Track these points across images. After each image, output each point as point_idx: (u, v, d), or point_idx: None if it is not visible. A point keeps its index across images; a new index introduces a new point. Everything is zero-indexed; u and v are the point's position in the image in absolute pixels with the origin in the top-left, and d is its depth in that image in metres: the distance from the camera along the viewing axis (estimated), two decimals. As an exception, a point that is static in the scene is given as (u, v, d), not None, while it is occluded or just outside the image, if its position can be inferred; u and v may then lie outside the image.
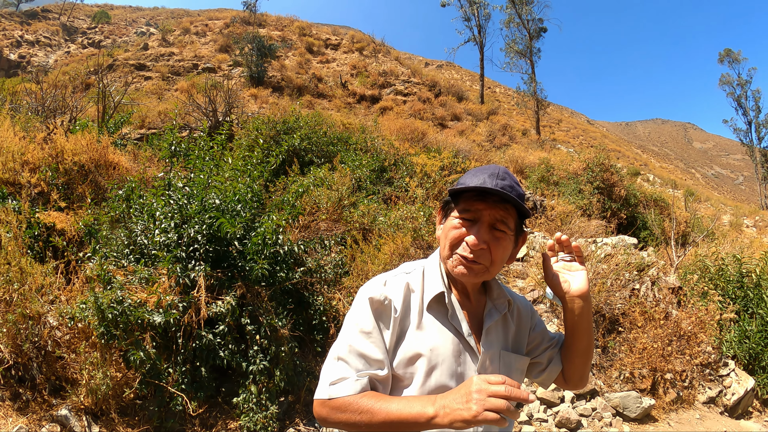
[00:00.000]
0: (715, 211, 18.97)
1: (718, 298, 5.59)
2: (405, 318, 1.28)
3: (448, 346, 1.27)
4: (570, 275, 1.35)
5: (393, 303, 1.27)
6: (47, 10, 39.09)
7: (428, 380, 1.23)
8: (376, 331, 1.24)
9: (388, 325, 1.26)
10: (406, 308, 1.29)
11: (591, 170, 11.03)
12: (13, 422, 2.98)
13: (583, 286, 1.32)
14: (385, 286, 1.29)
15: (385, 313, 1.26)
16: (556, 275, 1.35)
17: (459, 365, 1.27)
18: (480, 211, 1.25)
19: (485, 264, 1.26)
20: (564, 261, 1.38)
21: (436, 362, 1.24)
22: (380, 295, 1.27)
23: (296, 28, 31.32)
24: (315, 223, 6.20)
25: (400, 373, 1.24)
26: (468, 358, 1.29)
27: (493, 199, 1.25)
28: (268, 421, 3.45)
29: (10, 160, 5.26)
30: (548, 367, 1.47)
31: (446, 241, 1.30)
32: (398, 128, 14.43)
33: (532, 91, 28.59)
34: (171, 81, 21.80)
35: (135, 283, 3.69)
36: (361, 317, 1.26)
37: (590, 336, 1.39)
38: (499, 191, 1.20)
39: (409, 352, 1.25)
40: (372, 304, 1.26)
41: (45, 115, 7.68)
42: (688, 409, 4.75)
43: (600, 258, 5.74)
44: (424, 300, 1.30)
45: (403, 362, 1.24)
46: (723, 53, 40.41)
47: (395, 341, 1.26)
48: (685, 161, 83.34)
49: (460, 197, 1.30)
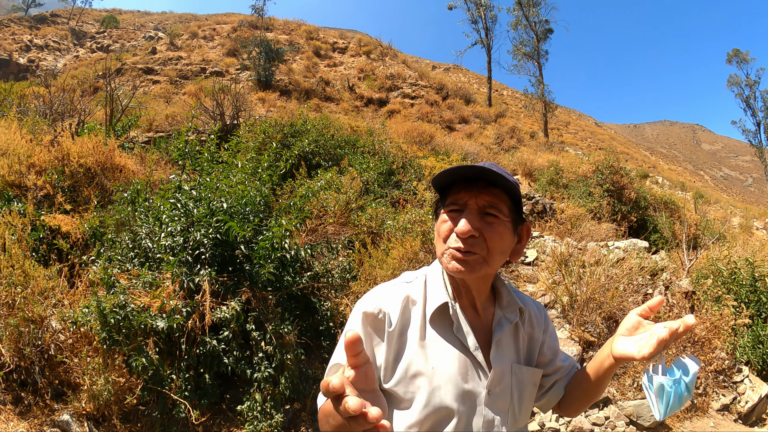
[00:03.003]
0: (725, 213, 18.76)
1: (731, 303, 5.47)
2: (404, 333, 1.18)
3: (454, 364, 1.16)
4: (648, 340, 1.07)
5: (389, 316, 1.17)
6: (56, 14, 39.52)
7: (431, 401, 1.12)
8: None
9: (382, 339, 1.16)
10: (405, 322, 1.18)
11: (600, 173, 10.92)
12: (14, 426, 2.93)
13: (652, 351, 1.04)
14: (380, 298, 1.20)
15: (378, 328, 1.16)
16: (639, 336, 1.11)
17: (466, 383, 1.15)
18: (466, 200, 1.16)
19: (481, 254, 1.14)
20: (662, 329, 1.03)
21: (439, 382, 1.13)
22: (374, 309, 1.17)
23: (303, 32, 31.45)
24: (322, 227, 6.15)
25: (400, 392, 1.14)
26: (476, 374, 1.17)
27: (479, 186, 1.16)
28: (272, 429, 3.37)
29: (16, 162, 5.25)
30: (549, 391, 1.36)
31: (439, 239, 1.21)
32: (406, 131, 14.40)
33: (539, 94, 28.49)
34: (179, 85, 21.93)
35: (139, 288, 3.64)
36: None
37: (607, 382, 1.27)
38: (480, 168, 1.11)
39: (410, 370, 1.14)
40: (366, 318, 1.17)
41: (53, 118, 7.70)
42: (702, 417, 4.64)
43: (612, 262, 5.64)
44: (427, 312, 1.20)
45: (403, 381, 1.14)
46: (731, 54, 40.09)
47: (393, 357, 1.15)
48: (693, 163, 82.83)
49: (447, 193, 1.22)
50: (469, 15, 31.74)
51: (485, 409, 1.16)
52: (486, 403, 1.16)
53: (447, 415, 1.13)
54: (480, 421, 1.15)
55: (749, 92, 39.25)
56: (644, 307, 1.10)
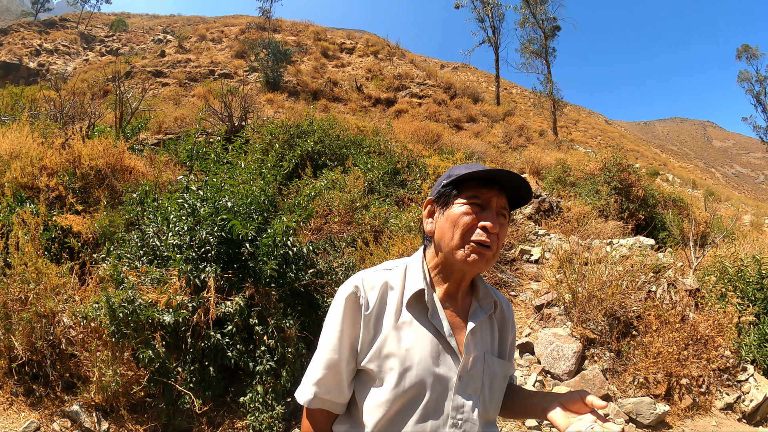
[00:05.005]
0: (736, 211, 18.57)
1: (736, 301, 5.45)
2: (380, 316, 1.23)
3: (426, 346, 1.20)
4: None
5: (366, 300, 1.23)
6: (65, 19, 39.99)
7: (402, 381, 1.16)
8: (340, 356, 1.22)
9: (359, 321, 1.22)
10: (382, 306, 1.24)
11: (608, 170, 10.89)
12: (25, 417, 3.05)
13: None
14: (359, 283, 1.25)
15: (357, 310, 1.22)
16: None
17: (438, 366, 1.20)
18: (489, 197, 1.24)
19: (494, 249, 1.23)
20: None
21: (411, 363, 1.17)
22: (354, 292, 1.23)
23: (311, 33, 31.60)
24: (327, 226, 6.24)
25: (374, 369, 1.19)
26: (449, 359, 1.22)
27: (497, 187, 1.25)
28: (273, 421, 3.46)
29: (29, 165, 5.39)
30: None
31: (456, 230, 1.23)
32: (413, 131, 14.42)
33: (548, 92, 28.41)
34: (188, 87, 22.14)
35: (147, 284, 3.75)
36: (330, 336, 1.24)
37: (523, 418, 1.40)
38: (521, 179, 1.23)
39: (383, 351, 1.19)
40: (347, 302, 1.23)
41: (63, 121, 7.85)
42: (704, 416, 4.60)
43: (615, 260, 5.65)
44: (404, 297, 1.25)
45: (376, 360, 1.19)
46: (740, 49, 39.63)
47: (369, 339, 1.22)
48: (704, 160, 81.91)
49: (463, 186, 1.28)
50: (476, 14, 31.77)
51: (455, 395, 1.20)
52: (457, 389, 1.20)
53: (417, 395, 1.17)
54: (450, 405, 1.19)
55: (759, 88, 38.78)
56: (590, 401, 1.18)
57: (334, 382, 1.22)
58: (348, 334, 1.22)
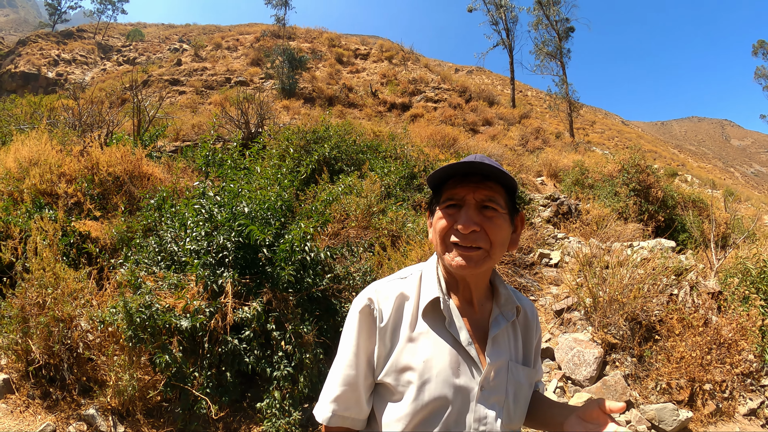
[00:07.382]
0: (756, 210, 18.18)
1: (760, 303, 5.30)
2: (396, 328, 1.19)
3: (445, 357, 1.15)
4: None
5: (381, 312, 1.18)
6: (82, 29, 40.80)
7: (421, 395, 1.11)
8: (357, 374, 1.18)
9: (373, 334, 1.18)
10: (398, 317, 1.20)
11: (626, 172, 10.73)
12: (41, 419, 3.06)
13: None
14: (374, 295, 1.21)
15: (372, 323, 1.18)
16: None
17: (458, 377, 1.14)
18: (462, 195, 1.16)
19: (484, 247, 1.14)
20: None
21: (430, 375, 1.12)
22: (368, 305, 1.19)
23: (325, 40, 31.82)
24: (344, 231, 6.22)
25: (392, 383, 1.15)
26: (468, 370, 1.16)
27: (474, 180, 1.16)
28: (290, 427, 3.43)
29: (48, 171, 5.47)
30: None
31: (437, 237, 1.19)
32: (429, 135, 14.41)
33: (563, 93, 28.22)
34: (204, 95, 22.40)
35: (164, 289, 3.76)
36: (346, 351, 1.20)
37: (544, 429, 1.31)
38: (478, 164, 1.12)
39: (399, 364, 1.15)
40: (361, 315, 1.19)
41: (82, 129, 7.97)
42: (727, 422, 4.47)
43: (636, 263, 5.54)
44: (420, 306, 1.20)
45: (393, 373, 1.15)
46: (756, 45, 38.95)
47: (385, 353, 1.17)
48: (723, 160, 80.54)
49: (442, 189, 1.22)
50: (489, 17, 31.67)
51: (478, 406, 1.14)
52: (479, 400, 1.15)
53: (438, 409, 1.12)
54: (472, 417, 1.14)
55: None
56: (608, 406, 1.10)
57: (353, 399, 1.18)
58: (364, 348, 1.18)
